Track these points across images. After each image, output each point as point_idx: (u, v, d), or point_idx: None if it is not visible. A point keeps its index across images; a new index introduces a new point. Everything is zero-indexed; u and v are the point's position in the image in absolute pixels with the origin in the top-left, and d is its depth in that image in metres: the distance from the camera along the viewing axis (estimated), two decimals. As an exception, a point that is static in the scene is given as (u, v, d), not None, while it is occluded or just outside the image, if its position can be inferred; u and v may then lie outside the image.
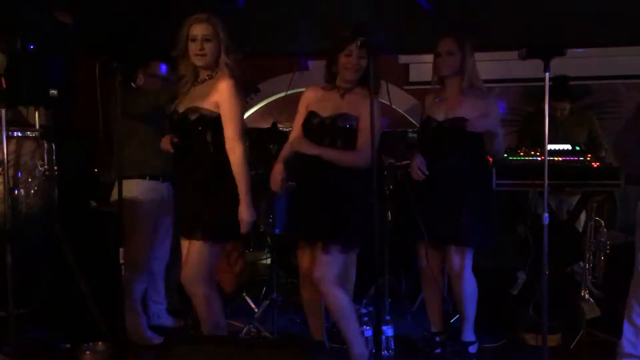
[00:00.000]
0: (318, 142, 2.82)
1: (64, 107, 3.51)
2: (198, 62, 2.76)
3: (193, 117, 2.75)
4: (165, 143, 2.90)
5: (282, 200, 3.36)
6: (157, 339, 3.51)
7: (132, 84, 3.46)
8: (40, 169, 3.32)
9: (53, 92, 3.24)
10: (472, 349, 3.28)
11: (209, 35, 2.72)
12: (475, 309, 3.26)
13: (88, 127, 3.85)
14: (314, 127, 2.87)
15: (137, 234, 3.40)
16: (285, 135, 3.31)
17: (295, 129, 2.98)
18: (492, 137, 3.07)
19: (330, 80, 2.89)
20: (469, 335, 3.27)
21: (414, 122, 5.76)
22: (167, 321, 3.80)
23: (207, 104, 2.74)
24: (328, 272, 2.78)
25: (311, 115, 2.90)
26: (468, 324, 3.26)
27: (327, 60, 2.89)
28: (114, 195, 3.49)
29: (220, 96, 2.72)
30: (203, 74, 2.82)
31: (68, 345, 3.23)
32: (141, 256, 3.47)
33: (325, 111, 2.87)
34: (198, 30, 2.72)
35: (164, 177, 3.44)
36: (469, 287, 3.20)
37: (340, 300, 2.83)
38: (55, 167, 3.37)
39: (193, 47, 2.73)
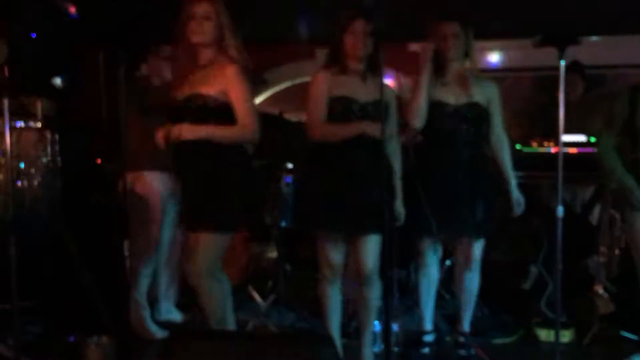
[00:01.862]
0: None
1: (67, 97, 3.47)
2: (195, 38, 2.66)
3: (196, 104, 2.65)
4: (160, 136, 2.71)
5: (287, 192, 3.31)
6: (162, 333, 3.47)
7: (137, 74, 3.40)
8: (43, 160, 3.28)
9: (56, 82, 3.20)
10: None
11: (208, 13, 2.65)
12: None
13: (92, 118, 3.81)
14: (354, 111, 2.76)
15: (146, 227, 3.36)
16: (291, 125, 3.25)
17: (319, 111, 2.78)
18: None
19: (340, 63, 2.80)
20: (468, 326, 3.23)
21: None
22: (176, 316, 3.77)
23: (212, 91, 2.65)
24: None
25: (345, 100, 2.76)
26: (470, 315, 3.23)
27: (331, 44, 2.83)
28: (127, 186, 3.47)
29: (227, 82, 2.64)
30: (203, 58, 2.72)
31: (73, 339, 3.20)
32: (149, 250, 3.44)
33: (361, 95, 2.77)
34: (197, 8, 2.65)
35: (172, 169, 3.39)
36: (479, 279, 3.17)
37: None
38: (59, 158, 3.33)
39: (190, 25, 2.66)
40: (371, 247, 2.81)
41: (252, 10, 4.26)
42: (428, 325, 3.28)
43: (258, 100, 6.26)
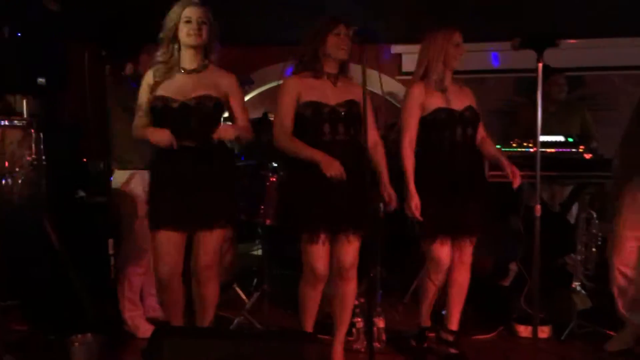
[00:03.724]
0: (333, 131, 2.79)
1: (52, 96, 3.46)
2: (192, 41, 2.70)
3: (211, 104, 2.74)
4: (169, 138, 2.66)
5: (272, 191, 3.34)
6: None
7: (122, 73, 3.41)
8: (28, 158, 3.28)
9: (41, 80, 3.20)
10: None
11: (205, 18, 2.71)
12: None
13: (77, 117, 3.82)
14: (324, 115, 2.80)
15: (138, 226, 3.36)
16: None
17: (286, 117, 2.84)
18: None
19: (315, 67, 2.85)
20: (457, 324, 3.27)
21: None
22: (161, 314, 3.78)
23: (217, 93, 2.77)
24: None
25: (315, 104, 2.81)
26: (459, 314, 3.26)
27: (310, 46, 2.85)
28: (114, 184, 3.48)
29: (228, 89, 2.81)
30: (191, 63, 2.76)
31: (58, 337, 3.20)
32: (140, 248, 3.45)
33: (331, 99, 2.82)
34: (193, 12, 2.70)
35: None
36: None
37: None
38: (44, 157, 3.33)
39: (187, 28, 2.69)
40: (350, 245, 2.86)
41: (240, 12, 4.31)
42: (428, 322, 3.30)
43: (245, 99, 6.29)
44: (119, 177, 3.46)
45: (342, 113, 2.82)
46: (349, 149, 2.81)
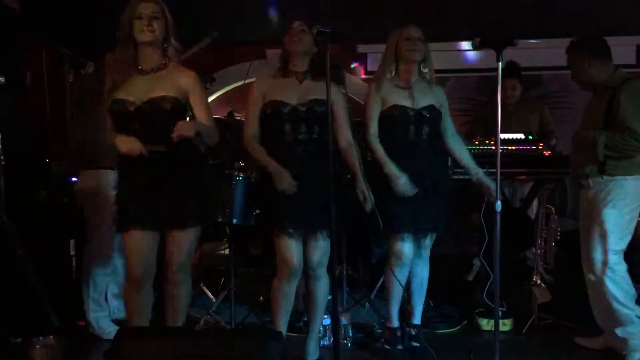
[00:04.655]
0: (295, 130, 2.82)
1: (11, 95, 3.39)
2: (145, 37, 2.62)
3: (168, 105, 2.65)
4: (138, 146, 2.59)
5: (239, 190, 3.33)
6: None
7: (82, 72, 3.35)
8: (-14, 158, 3.20)
9: (0, 79, 3.13)
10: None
11: (156, 13, 2.63)
12: None
13: (37, 116, 3.73)
14: (285, 114, 2.83)
15: (104, 226, 3.31)
16: (241, 125, 3.27)
17: (251, 119, 2.91)
18: None
19: (283, 68, 2.91)
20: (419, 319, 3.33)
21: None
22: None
23: (176, 93, 2.69)
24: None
25: (276, 103, 2.85)
26: (421, 308, 3.32)
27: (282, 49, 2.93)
28: (79, 185, 3.42)
29: (188, 88, 2.71)
30: (149, 60, 2.69)
31: (18, 340, 3.14)
32: (107, 249, 3.42)
33: (293, 99, 2.85)
34: (144, 8, 2.62)
35: None
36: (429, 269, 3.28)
37: None
38: (2, 157, 3.25)
39: (139, 25, 2.61)
40: (318, 243, 2.89)
41: (205, 12, 4.28)
42: (395, 322, 3.27)
43: (209, 99, 6.25)
44: (86, 177, 3.40)
45: (303, 112, 2.83)
46: (312, 148, 2.84)
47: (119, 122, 2.69)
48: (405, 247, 3.07)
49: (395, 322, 3.27)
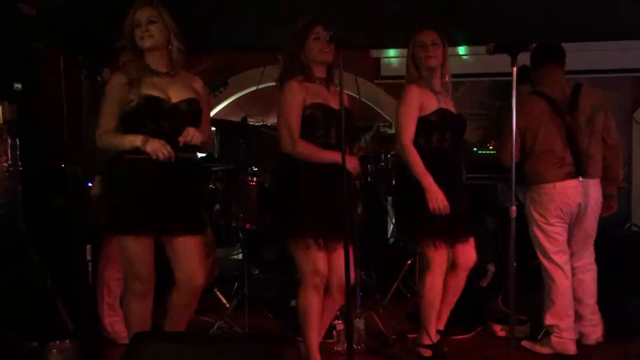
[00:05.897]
0: (337, 134, 2.76)
1: (28, 101, 3.43)
2: (146, 43, 2.62)
3: (194, 109, 2.69)
4: (168, 150, 2.55)
5: (252, 195, 3.35)
6: (131, 337, 3.46)
7: (99, 79, 3.38)
8: (4, 164, 3.24)
9: (17, 85, 3.17)
10: None
11: (153, 17, 2.62)
12: None
13: (54, 122, 3.77)
14: (327, 119, 2.80)
15: None
16: (255, 130, 3.30)
17: (295, 122, 2.79)
18: None
19: (305, 72, 2.84)
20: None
21: (385, 116, 5.79)
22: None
23: (196, 96, 2.73)
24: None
25: (322, 106, 2.81)
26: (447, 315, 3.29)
27: (292, 52, 2.85)
28: (95, 190, 3.44)
29: (199, 92, 2.77)
30: (162, 65, 2.68)
31: (35, 344, 3.17)
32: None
33: (334, 103, 2.80)
34: (141, 15, 2.62)
35: None
36: None
37: None
38: (20, 163, 3.29)
39: (138, 32, 2.62)
40: (340, 258, 2.74)
41: (219, 18, 4.30)
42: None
43: (223, 104, 6.29)
44: (102, 183, 3.43)
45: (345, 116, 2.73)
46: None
47: (148, 120, 2.60)
48: (441, 254, 3.04)
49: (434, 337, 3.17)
